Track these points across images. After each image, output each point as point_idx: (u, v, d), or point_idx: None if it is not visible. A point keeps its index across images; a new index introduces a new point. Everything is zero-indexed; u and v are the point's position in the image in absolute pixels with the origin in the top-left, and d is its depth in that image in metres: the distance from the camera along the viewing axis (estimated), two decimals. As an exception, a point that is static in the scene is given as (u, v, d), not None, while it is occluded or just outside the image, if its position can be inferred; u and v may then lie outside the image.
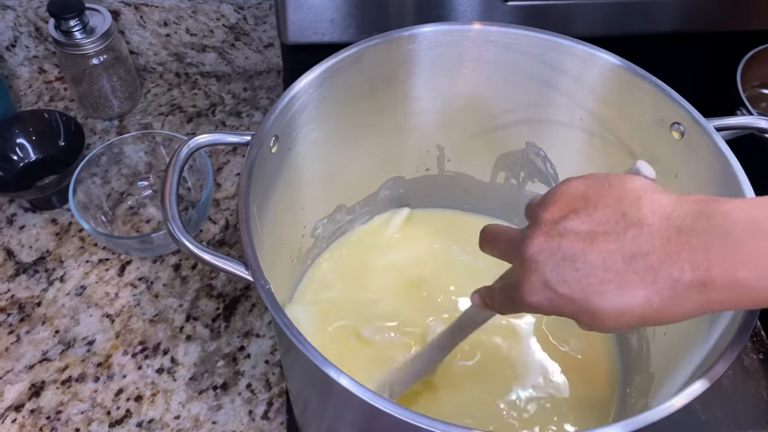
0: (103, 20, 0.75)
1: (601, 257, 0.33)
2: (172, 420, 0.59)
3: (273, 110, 0.48)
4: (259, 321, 0.65)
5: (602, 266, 0.33)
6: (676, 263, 0.31)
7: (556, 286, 0.34)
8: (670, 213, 0.32)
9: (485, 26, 0.53)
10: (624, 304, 0.33)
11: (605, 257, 0.33)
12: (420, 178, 0.65)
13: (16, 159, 0.74)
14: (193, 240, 0.42)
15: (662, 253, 0.32)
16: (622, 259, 0.33)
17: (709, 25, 0.75)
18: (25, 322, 0.65)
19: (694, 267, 0.31)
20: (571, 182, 0.36)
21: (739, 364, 0.59)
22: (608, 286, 0.33)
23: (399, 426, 0.35)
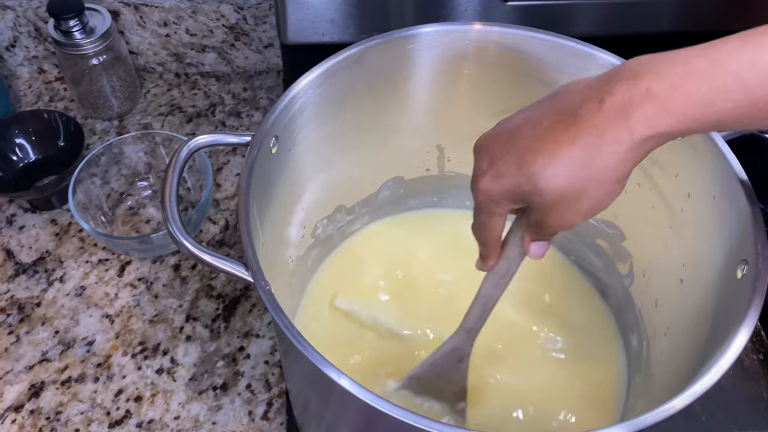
0: (103, 20, 0.75)
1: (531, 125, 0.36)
2: (172, 420, 0.59)
3: (273, 110, 0.48)
4: (259, 321, 0.65)
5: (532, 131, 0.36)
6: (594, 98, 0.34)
7: (497, 161, 0.37)
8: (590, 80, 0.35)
9: (485, 26, 0.53)
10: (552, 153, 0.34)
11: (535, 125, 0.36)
12: (420, 178, 0.65)
13: (15, 159, 0.74)
14: (193, 240, 0.42)
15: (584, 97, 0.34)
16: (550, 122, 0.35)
17: (709, 25, 0.74)
18: (24, 322, 0.65)
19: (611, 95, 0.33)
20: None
21: (739, 364, 0.59)
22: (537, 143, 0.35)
23: (399, 426, 0.35)
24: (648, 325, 0.55)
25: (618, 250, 0.59)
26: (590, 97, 0.34)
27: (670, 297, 0.52)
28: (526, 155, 0.35)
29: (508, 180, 0.37)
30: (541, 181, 0.35)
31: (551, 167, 0.35)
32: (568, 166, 0.34)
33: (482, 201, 0.39)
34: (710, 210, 0.47)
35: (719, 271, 0.45)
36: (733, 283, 0.42)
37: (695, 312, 0.47)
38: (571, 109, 0.34)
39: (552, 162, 0.35)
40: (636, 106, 0.33)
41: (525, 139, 0.36)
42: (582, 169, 0.34)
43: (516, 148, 0.36)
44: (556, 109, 0.35)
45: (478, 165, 0.38)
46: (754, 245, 0.41)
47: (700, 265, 0.48)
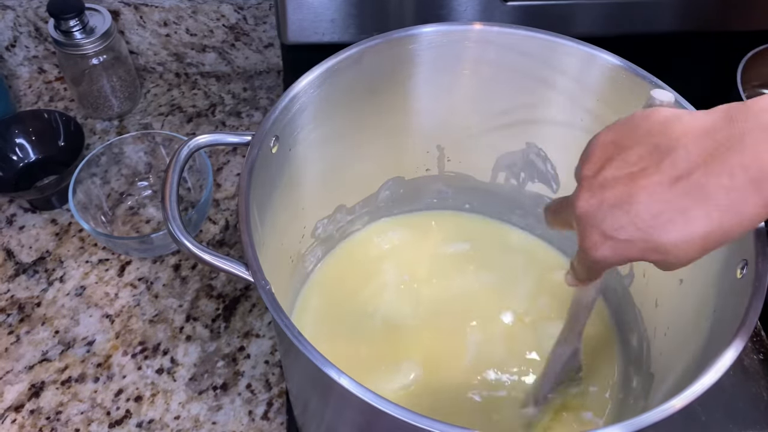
0: (103, 20, 0.75)
1: (647, 192, 0.33)
2: (172, 420, 0.59)
3: (273, 110, 0.48)
4: (259, 321, 0.65)
5: (651, 200, 0.33)
6: (723, 171, 0.31)
7: (614, 234, 0.34)
8: (701, 128, 0.32)
9: (485, 26, 0.53)
10: (685, 230, 0.32)
11: (651, 191, 0.33)
12: (420, 178, 0.65)
13: (15, 159, 0.74)
14: (193, 240, 0.42)
15: (705, 167, 0.31)
16: (668, 188, 0.32)
17: (709, 25, 0.75)
18: (24, 322, 0.65)
19: (743, 168, 0.30)
20: (599, 135, 0.36)
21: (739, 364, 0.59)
22: (662, 217, 0.32)
23: (399, 426, 0.34)
24: (648, 324, 0.55)
25: (618, 250, 0.59)
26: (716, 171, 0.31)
27: (669, 297, 0.52)
28: (653, 233, 0.33)
29: (633, 253, 0.35)
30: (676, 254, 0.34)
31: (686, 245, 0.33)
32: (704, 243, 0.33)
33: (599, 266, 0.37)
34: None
35: (719, 270, 0.45)
36: (733, 283, 0.42)
37: (695, 312, 0.47)
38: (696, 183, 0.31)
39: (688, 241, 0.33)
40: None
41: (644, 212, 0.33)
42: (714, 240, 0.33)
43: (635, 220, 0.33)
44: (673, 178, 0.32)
45: (587, 236, 0.36)
46: (754, 245, 0.41)
47: (699, 265, 0.47)
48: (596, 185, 0.35)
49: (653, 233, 0.33)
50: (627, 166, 0.34)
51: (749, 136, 0.30)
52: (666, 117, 0.34)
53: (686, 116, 0.34)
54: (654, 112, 0.35)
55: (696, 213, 0.32)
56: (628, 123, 0.36)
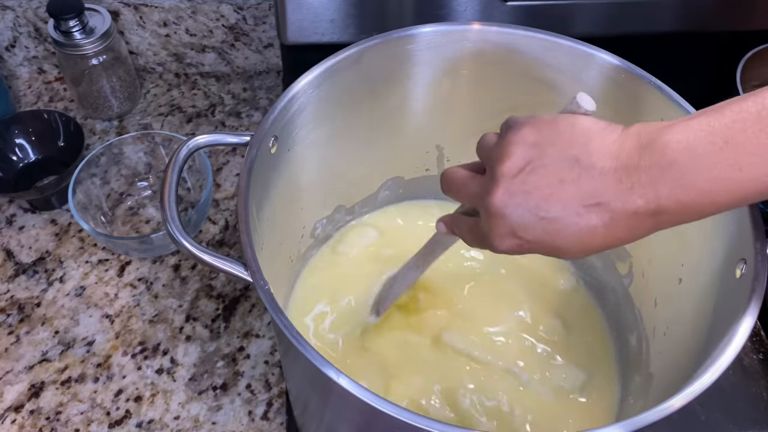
0: (103, 20, 0.75)
1: (561, 204, 0.36)
2: (172, 420, 0.59)
3: (272, 110, 0.48)
4: (259, 321, 0.65)
5: (562, 212, 0.36)
6: (629, 199, 0.34)
7: (523, 234, 0.37)
8: (617, 152, 0.35)
9: (485, 26, 0.53)
10: (587, 240, 0.36)
11: (565, 204, 0.36)
12: (420, 178, 0.65)
13: (15, 159, 0.74)
14: (193, 241, 0.42)
15: (616, 192, 0.35)
16: (580, 203, 0.36)
17: (709, 25, 0.75)
18: (24, 322, 0.65)
19: (646, 201, 0.34)
20: (522, 131, 0.38)
21: (739, 364, 0.59)
22: (571, 228, 0.36)
23: (398, 426, 0.35)
24: (647, 324, 0.55)
25: (617, 250, 0.59)
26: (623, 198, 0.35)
27: (669, 297, 0.52)
28: (557, 238, 0.37)
29: (534, 250, 0.38)
30: (571, 255, 0.38)
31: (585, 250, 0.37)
32: (599, 249, 0.37)
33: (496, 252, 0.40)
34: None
35: (718, 270, 0.45)
36: (732, 283, 0.42)
37: (694, 311, 0.47)
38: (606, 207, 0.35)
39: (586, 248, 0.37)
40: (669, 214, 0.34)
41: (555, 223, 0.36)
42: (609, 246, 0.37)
43: (546, 227, 0.37)
44: (587, 196, 0.35)
45: (494, 228, 0.38)
46: (753, 245, 0.41)
47: (699, 265, 0.48)
48: (516, 187, 0.37)
49: (558, 239, 0.37)
50: (546, 174, 0.36)
51: (653, 172, 0.34)
52: (588, 129, 0.37)
53: (606, 133, 0.36)
54: (577, 121, 0.37)
55: (599, 229, 0.36)
56: (552, 127, 0.37)
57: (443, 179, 0.45)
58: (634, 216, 0.35)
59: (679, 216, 0.35)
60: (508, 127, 0.39)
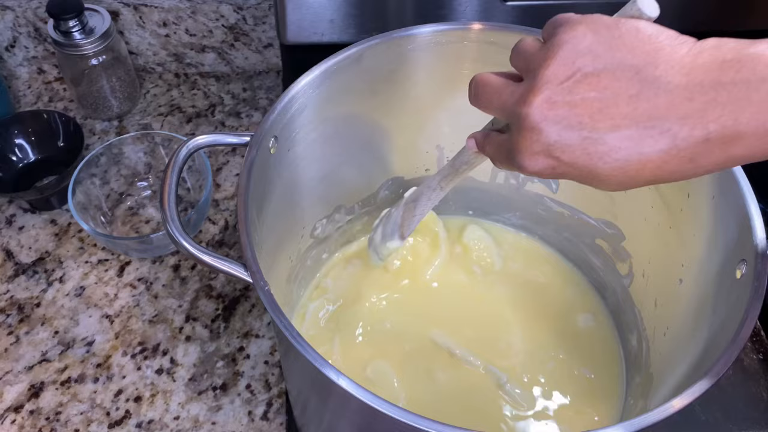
0: (102, 21, 0.75)
1: (612, 123, 0.30)
2: (172, 421, 0.59)
3: (272, 111, 0.48)
4: (259, 322, 0.65)
5: (611, 132, 0.30)
6: (698, 122, 0.29)
7: (559, 154, 0.32)
8: (691, 66, 0.30)
9: (485, 26, 0.53)
10: (634, 170, 0.31)
11: (616, 123, 0.30)
12: (420, 179, 0.65)
13: (15, 160, 0.74)
14: (192, 241, 0.42)
15: (683, 113, 0.29)
16: (634, 123, 0.30)
17: (708, 25, 0.74)
18: (24, 322, 0.65)
19: (722, 125, 0.29)
20: (576, 30, 0.32)
21: (739, 364, 0.59)
22: (617, 153, 0.31)
23: (398, 427, 0.34)
24: (647, 325, 0.55)
25: (617, 249, 0.59)
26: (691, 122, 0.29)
27: (669, 297, 0.52)
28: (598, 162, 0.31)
29: (569, 175, 0.33)
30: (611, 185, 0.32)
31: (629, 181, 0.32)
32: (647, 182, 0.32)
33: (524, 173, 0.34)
34: (710, 210, 0.46)
35: (718, 271, 0.45)
36: (732, 283, 0.42)
37: (695, 312, 0.47)
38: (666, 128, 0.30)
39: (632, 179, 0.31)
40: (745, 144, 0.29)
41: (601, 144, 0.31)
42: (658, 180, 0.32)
43: (588, 149, 0.31)
44: (645, 116, 0.30)
45: (527, 145, 0.32)
46: (754, 245, 0.41)
47: (699, 265, 0.48)
48: (560, 96, 0.31)
49: (599, 163, 0.31)
50: (600, 85, 0.31)
51: (738, 89, 0.29)
52: (656, 37, 0.31)
53: (678, 43, 0.31)
54: (643, 26, 0.31)
55: (653, 157, 0.30)
56: (613, 30, 0.31)
57: (472, 85, 0.38)
58: (703, 143, 0.29)
59: (759, 148, 0.29)
60: (558, 25, 0.33)
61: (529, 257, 0.66)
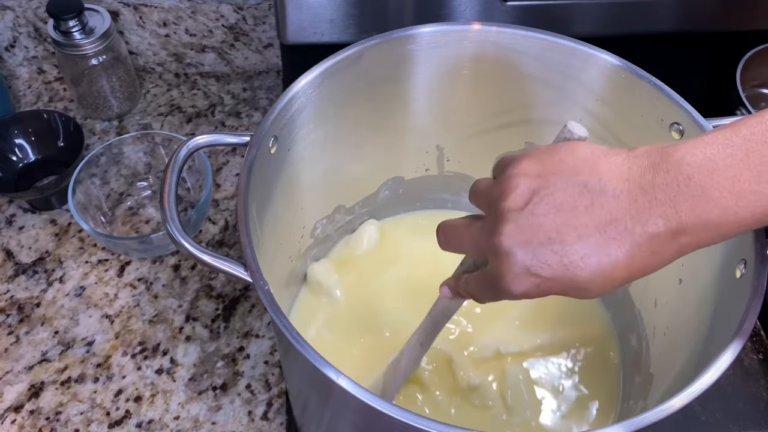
0: (102, 21, 0.75)
1: (576, 233, 0.33)
2: (172, 420, 0.59)
3: (272, 110, 0.48)
4: (259, 321, 0.65)
5: (579, 242, 0.33)
6: (648, 220, 0.32)
7: (540, 272, 0.34)
8: (628, 173, 0.33)
9: (485, 26, 0.53)
10: (609, 271, 0.33)
11: (580, 233, 0.33)
12: (420, 178, 0.65)
13: (15, 159, 0.74)
14: (192, 241, 0.42)
15: (633, 214, 0.32)
16: (596, 230, 0.33)
17: (708, 25, 0.74)
18: (24, 322, 0.65)
19: (666, 219, 0.32)
20: (521, 164, 0.36)
21: (739, 364, 0.59)
22: (590, 259, 0.33)
23: (398, 427, 0.34)
24: (647, 325, 0.55)
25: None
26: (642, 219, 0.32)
27: (669, 297, 0.52)
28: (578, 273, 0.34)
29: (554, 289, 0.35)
30: (594, 291, 0.34)
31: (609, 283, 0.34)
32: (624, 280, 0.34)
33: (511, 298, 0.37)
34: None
35: (718, 271, 0.45)
36: (732, 283, 0.42)
37: (694, 312, 0.47)
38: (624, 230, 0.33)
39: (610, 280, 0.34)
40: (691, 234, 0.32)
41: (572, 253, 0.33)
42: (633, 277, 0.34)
43: (564, 261, 0.34)
44: (603, 222, 0.33)
45: (508, 270, 0.35)
46: (753, 245, 0.41)
47: (699, 265, 0.48)
48: (524, 220, 0.34)
49: (578, 272, 0.34)
50: (555, 203, 0.34)
51: (671, 188, 0.32)
52: (591, 153, 0.35)
53: (612, 156, 0.34)
54: (577, 146, 0.35)
55: (620, 257, 0.33)
56: (552, 155, 0.35)
57: (440, 232, 0.41)
58: (655, 238, 0.32)
59: (702, 236, 0.32)
60: (505, 164, 0.37)
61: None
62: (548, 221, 0.34)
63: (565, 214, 0.34)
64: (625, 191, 0.33)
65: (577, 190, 0.34)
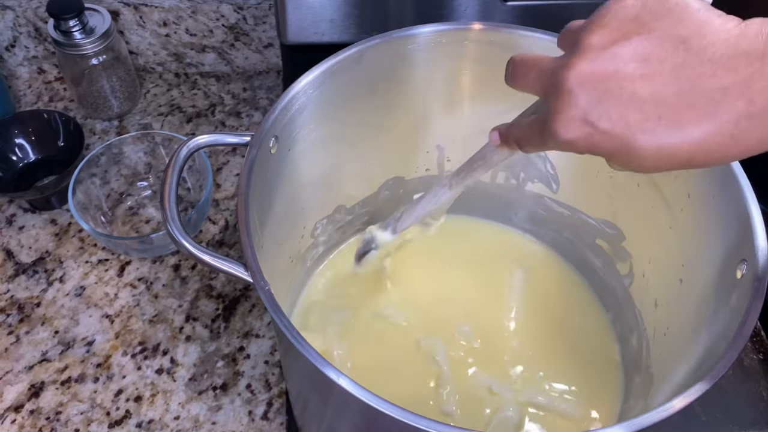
0: (103, 20, 0.75)
1: (653, 90, 0.30)
2: (172, 420, 0.59)
3: (272, 110, 0.48)
4: (259, 321, 0.65)
5: (653, 101, 0.30)
6: (743, 94, 0.28)
7: (597, 122, 0.31)
8: (738, 37, 0.29)
9: (485, 26, 0.53)
10: (672, 145, 0.30)
11: (657, 90, 0.30)
12: (420, 179, 0.65)
13: (15, 159, 0.74)
14: (193, 241, 0.42)
15: (728, 84, 0.29)
16: (677, 93, 0.29)
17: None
18: (24, 322, 0.65)
19: (766, 96, 0.28)
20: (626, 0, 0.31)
21: (739, 364, 0.59)
22: (657, 122, 0.30)
23: (398, 427, 0.34)
24: (648, 325, 0.55)
25: (618, 250, 0.59)
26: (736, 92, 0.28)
27: (669, 297, 0.52)
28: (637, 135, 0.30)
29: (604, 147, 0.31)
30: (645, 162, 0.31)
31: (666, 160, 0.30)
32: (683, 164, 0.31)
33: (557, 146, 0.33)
34: (710, 210, 0.46)
35: (719, 271, 0.45)
36: (732, 283, 0.42)
37: (695, 312, 0.47)
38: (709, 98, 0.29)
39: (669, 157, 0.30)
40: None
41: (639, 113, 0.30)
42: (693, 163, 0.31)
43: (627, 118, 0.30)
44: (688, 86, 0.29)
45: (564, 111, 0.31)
46: (754, 245, 0.41)
47: (699, 265, 0.48)
48: (601, 61, 0.31)
49: (639, 135, 0.30)
50: (644, 51, 0.30)
51: None
52: (704, 11, 0.31)
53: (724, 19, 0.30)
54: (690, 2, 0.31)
55: (693, 132, 0.29)
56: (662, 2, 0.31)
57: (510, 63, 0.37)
58: (746, 117, 0.28)
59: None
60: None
61: (529, 258, 0.66)
62: (628, 69, 0.30)
63: (649, 67, 0.30)
64: (726, 56, 0.29)
65: (673, 44, 0.30)
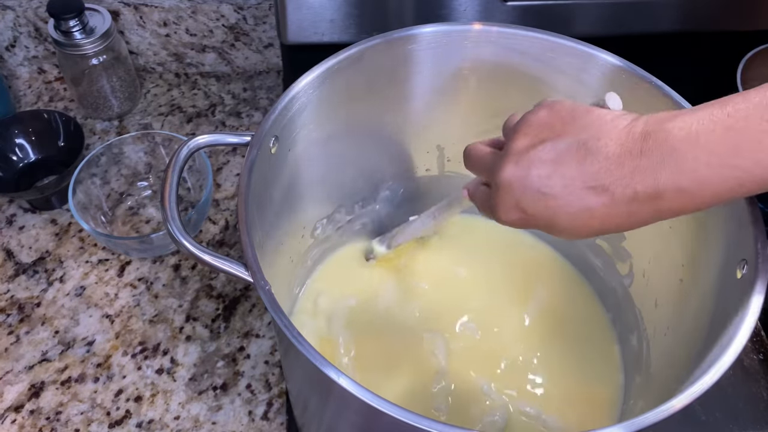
0: (103, 20, 0.75)
1: (563, 182, 0.37)
2: (172, 420, 0.59)
3: (273, 111, 0.48)
4: (259, 321, 0.65)
5: (564, 191, 0.37)
6: (629, 183, 0.35)
7: (525, 208, 0.39)
8: (624, 139, 0.36)
9: (485, 26, 0.53)
10: (584, 221, 0.38)
11: (566, 183, 0.37)
12: (420, 178, 0.65)
13: (15, 159, 0.74)
14: (193, 241, 0.42)
15: (617, 176, 0.36)
16: (581, 183, 0.37)
17: (709, 25, 0.75)
18: (24, 322, 0.65)
19: (644, 185, 0.35)
20: (539, 112, 0.40)
21: (739, 364, 0.59)
22: (570, 207, 0.37)
23: (399, 427, 0.34)
24: (648, 325, 0.55)
25: (618, 250, 0.59)
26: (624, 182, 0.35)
27: (670, 297, 0.52)
28: (557, 216, 0.38)
29: (534, 225, 0.40)
30: (569, 234, 0.39)
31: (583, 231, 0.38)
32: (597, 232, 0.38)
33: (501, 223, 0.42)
34: (710, 210, 0.46)
35: (719, 271, 0.45)
36: (733, 283, 0.42)
37: (695, 312, 0.47)
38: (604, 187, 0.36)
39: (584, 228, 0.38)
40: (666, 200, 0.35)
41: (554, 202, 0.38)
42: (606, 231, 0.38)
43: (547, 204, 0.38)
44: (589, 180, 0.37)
45: (501, 201, 0.40)
46: (754, 245, 0.41)
47: (700, 265, 0.48)
48: (523, 162, 0.39)
49: (558, 216, 0.38)
50: (554, 152, 0.38)
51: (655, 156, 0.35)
52: (602, 117, 0.38)
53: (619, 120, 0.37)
54: (597, 109, 0.39)
55: (597, 211, 0.37)
56: (569, 112, 0.39)
57: (465, 153, 0.47)
58: (633, 201, 0.35)
59: (678, 203, 0.35)
60: (533, 109, 0.41)
61: (529, 257, 0.66)
62: (543, 168, 0.38)
63: (559, 165, 0.38)
64: (616, 154, 0.36)
65: (575, 146, 0.37)
